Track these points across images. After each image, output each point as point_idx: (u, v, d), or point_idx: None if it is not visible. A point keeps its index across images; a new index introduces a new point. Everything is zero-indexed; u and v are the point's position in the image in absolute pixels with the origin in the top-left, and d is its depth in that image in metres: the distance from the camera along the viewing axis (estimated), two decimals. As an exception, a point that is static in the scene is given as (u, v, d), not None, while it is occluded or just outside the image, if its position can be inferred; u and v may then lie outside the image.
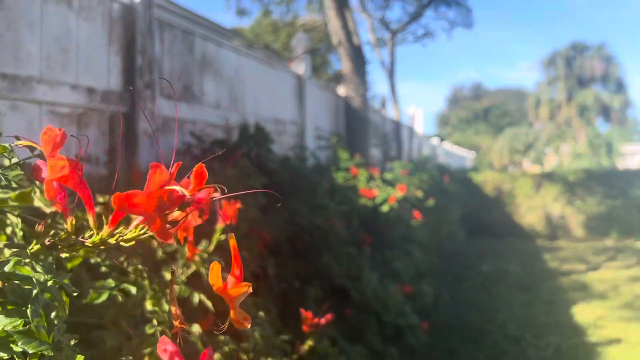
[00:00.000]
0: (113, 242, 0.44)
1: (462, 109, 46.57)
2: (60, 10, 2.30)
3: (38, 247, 0.44)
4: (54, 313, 0.44)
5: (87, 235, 0.44)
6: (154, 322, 0.90)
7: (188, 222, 0.53)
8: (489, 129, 40.49)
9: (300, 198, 2.81)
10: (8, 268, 0.43)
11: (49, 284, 0.44)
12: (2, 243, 0.56)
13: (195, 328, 1.03)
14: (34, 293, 0.42)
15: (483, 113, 43.39)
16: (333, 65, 15.99)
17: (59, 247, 0.44)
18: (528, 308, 5.90)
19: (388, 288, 3.51)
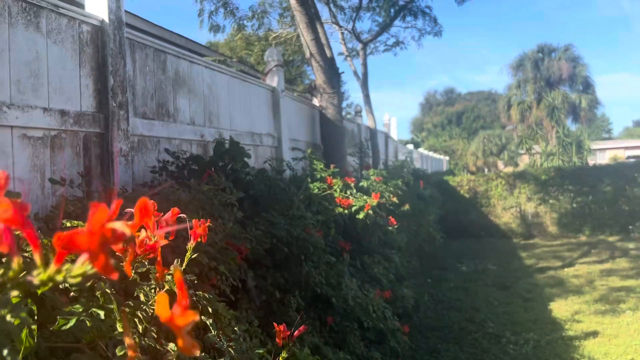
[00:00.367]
0: (60, 279, 0.44)
1: (435, 114, 47.37)
2: (29, 34, 2.31)
3: None
4: (6, 350, 0.44)
5: (35, 274, 0.44)
6: (126, 344, 0.92)
7: (156, 243, 0.56)
8: (463, 133, 41.27)
9: (277, 209, 2.85)
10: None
11: (8, 319, 0.45)
12: None
13: (171, 346, 1.04)
14: None
15: (456, 117, 44.23)
16: (309, 76, 16.11)
17: (8, 286, 0.44)
18: (507, 306, 6.01)
19: (368, 294, 3.56)
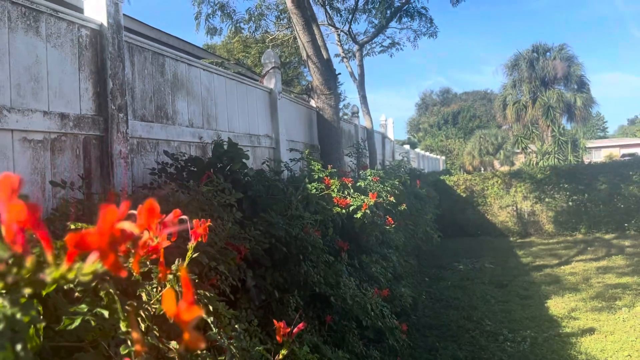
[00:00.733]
0: (72, 276, 0.46)
1: (432, 114, 47.49)
2: (29, 39, 2.33)
3: (1, 284, 0.46)
4: (20, 346, 0.46)
5: (47, 272, 0.46)
6: (129, 342, 0.94)
7: (158, 244, 0.60)
8: (459, 132, 41.36)
9: (276, 210, 2.88)
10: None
11: (18, 317, 0.46)
12: None
13: (173, 344, 1.06)
14: (1, 327, 0.44)
15: (452, 117, 44.33)
16: (306, 77, 16.14)
17: (22, 284, 0.46)
18: (504, 304, 6.05)
19: (366, 293, 3.59)
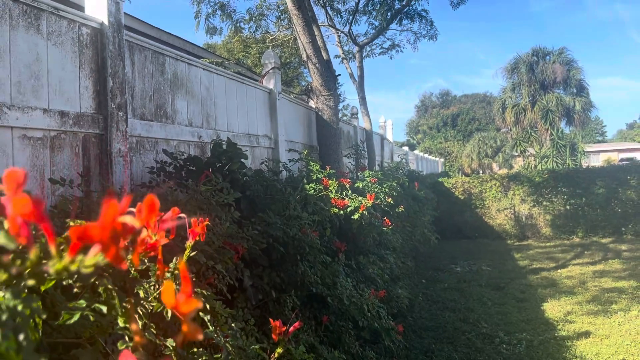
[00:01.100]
0: (74, 268, 0.47)
1: (431, 117, 47.57)
2: (29, 37, 2.34)
3: (5, 276, 0.47)
4: (22, 335, 0.47)
5: (50, 264, 0.47)
6: (126, 338, 0.94)
7: (156, 242, 0.61)
8: (458, 135, 41.46)
9: (274, 210, 2.89)
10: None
11: (19, 309, 0.47)
12: None
13: (170, 342, 1.07)
14: (4, 318, 0.46)
15: (452, 119, 44.42)
16: (306, 78, 16.15)
17: (25, 275, 0.47)
18: (500, 306, 6.06)
19: (363, 293, 3.60)
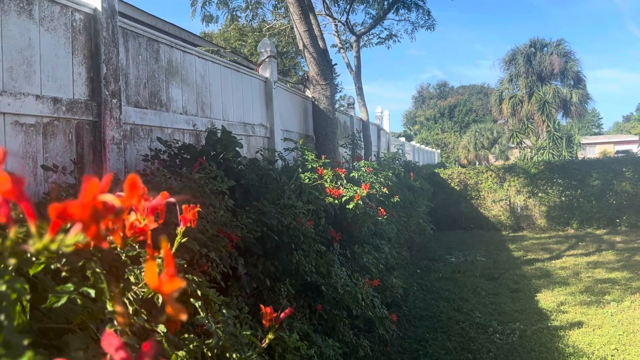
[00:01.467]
0: (54, 247, 0.46)
1: (428, 107, 47.53)
2: (21, 22, 2.31)
3: None
4: (2, 316, 0.46)
5: (30, 243, 0.47)
6: (115, 322, 0.95)
7: (145, 226, 0.60)
8: (455, 126, 41.47)
9: (268, 199, 2.89)
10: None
11: (2, 289, 0.47)
12: None
13: (161, 328, 1.07)
14: None
15: (449, 110, 44.37)
16: (303, 67, 16.06)
17: (6, 254, 0.47)
18: (494, 296, 6.10)
19: (358, 283, 3.62)
